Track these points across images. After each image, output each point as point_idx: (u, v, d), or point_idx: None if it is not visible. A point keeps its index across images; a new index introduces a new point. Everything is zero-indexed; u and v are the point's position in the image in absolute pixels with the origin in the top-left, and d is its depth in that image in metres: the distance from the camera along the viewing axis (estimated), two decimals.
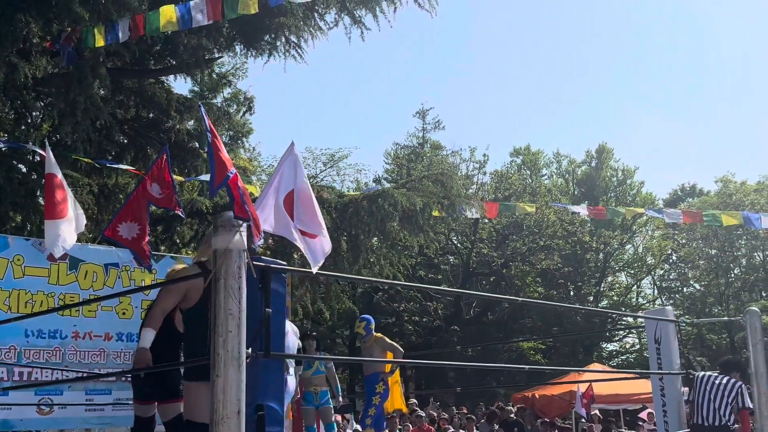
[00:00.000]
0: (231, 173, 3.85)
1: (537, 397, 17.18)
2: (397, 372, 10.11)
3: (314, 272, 4.01)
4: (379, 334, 9.39)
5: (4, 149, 9.92)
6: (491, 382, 27.68)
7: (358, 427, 9.23)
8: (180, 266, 6.57)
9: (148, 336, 5.00)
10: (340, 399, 10.14)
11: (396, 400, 11.03)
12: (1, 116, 11.74)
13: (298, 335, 7.46)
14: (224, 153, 3.90)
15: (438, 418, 14.84)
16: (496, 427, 14.28)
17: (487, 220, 29.19)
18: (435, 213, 12.52)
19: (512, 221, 29.98)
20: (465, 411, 15.61)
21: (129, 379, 8.28)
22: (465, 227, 29.53)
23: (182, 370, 5.86)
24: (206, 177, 10.57)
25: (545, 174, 39.17)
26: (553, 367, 25.18)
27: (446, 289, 20.74)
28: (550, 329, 30.35)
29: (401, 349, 9.38)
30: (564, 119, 59.02)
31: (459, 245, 31.59)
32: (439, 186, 12.73)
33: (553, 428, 14.69)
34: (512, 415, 14.66)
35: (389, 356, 9.23)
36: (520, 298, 9.62)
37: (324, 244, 3.95)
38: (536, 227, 30.26)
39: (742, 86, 57.73)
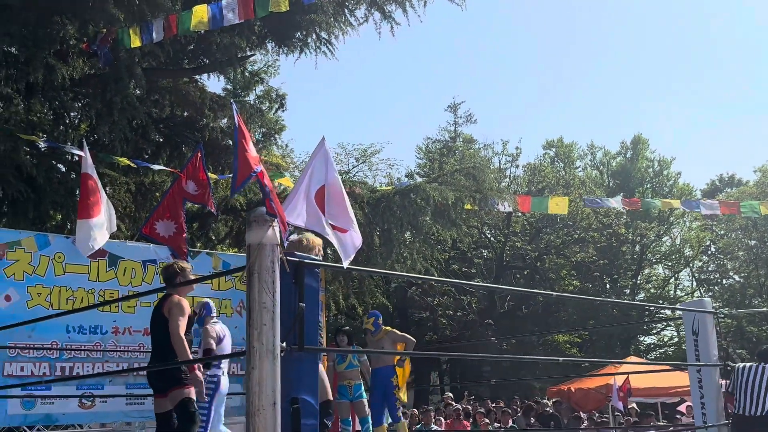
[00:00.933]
0: (256, 171, 3.88)
1: (573, 390, 17.06)
2: (408, 363, 10.13)
3: (345, 267, 4.04)
4: (388, 327, 9.40)
5: (43, 149, 10.14)
6: (526, 376, 27.56)
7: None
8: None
9: None
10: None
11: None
12: (40, 117, 11.99)
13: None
14: (251, 152, 3.92)
15: (474, 412, 14.83)
16: (533, 420, 14.24)
17: (520, 214, 29.01)
18: (467, 206, 12.51)
19: (546, 214, 29.77)
20: (502, 404, 15.59)
21: None
22: (498, 221, 29.40)
23: None
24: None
25: (579, 166, 38.82)
26: (587, 359, 24.96)
27: (480, 284, 20.69)
28: (586, 323, 30.10)
29: (413, 339, 9.36)
30: (598, 110, 58.47)
31: (492, 239, 31.46)
32: (471, 180, 12.72)
33: (590, 422, 14.60)
34: (548, 409, 14.60)
35: (401, 348, 9.22)
36: (555, 293, 9.55)
37: (354, 238, 3.98)
38: (570, 219, 29.99)
39: None
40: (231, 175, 11.69)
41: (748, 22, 58.46)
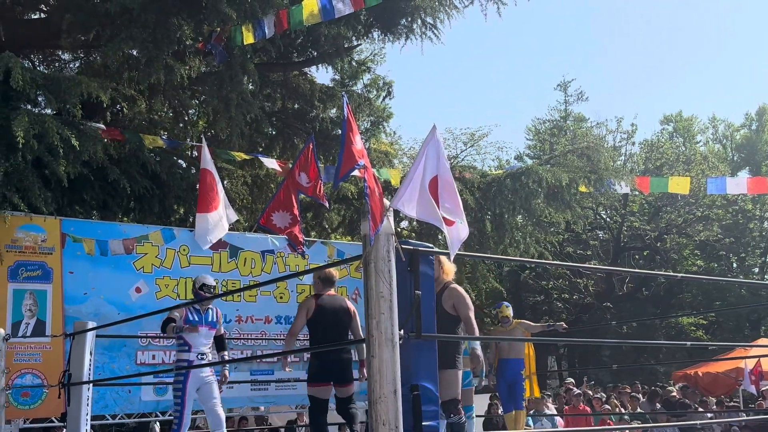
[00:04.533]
0: (359, 165, 3.91)
1: (700, 374, 16.39)
2: (533, 352, 10.20)
3: (451, 259, 4.08)
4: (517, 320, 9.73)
5: (165, 147, 10.60)
6: (649, 360, 26.62)
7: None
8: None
9: None
10: (483, 381, 10.15)
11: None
12: (161, 115, 12.56)
13: None
14: (356, 145, 3.95)
15: (591, 398, 14.43)
16: (658, 406, 13.76)
17: (637, 192, 27.94)
18: (582, 188, 12.17)
19: (665, 192, 28.50)
20: (628, 389, 15.14)
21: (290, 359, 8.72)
22: (614, 200, 28.47)
23: None
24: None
25: (700, 141, 37.02)
26: (717, 343, 23.88)
27: (595, 266, 20.13)
28: (712, 304, 28.72)
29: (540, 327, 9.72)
30: (719, 81, 55.54)
31: (608, 219, 30.50)
32: (585, 160, 12.39)
33: (720, 407, 13.98)
34: (674, 395, 14.05)
35: (527, 336, 9.35)
36: (680, 274, 9.18)
37: (461, 230, 3.96)
38: (692, 197, 28.64)
39: None
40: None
41: None
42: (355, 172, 3.97)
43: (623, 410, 13.05)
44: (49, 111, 8.54)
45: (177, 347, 6.95)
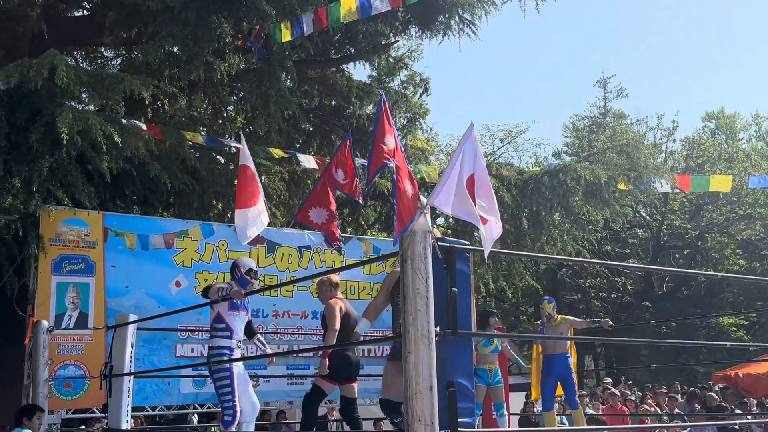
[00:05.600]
0: (387, 164, 3.91)
1: (741, 375, 16.10)
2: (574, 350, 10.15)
3: (486, 256, 4.10)
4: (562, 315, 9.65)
5: (205, 143, 10.73)
6: (688, 360, 26.22)
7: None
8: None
9: (361, 324, 6.07)
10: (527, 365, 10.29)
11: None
12: (200, 112, 12.72)
13: None
14: (387, 144, 3.96)
15: (624, 399, 14.20)
16: (697, 407, 13.55)
17: (678, 190, 27.50)
18: (621, 186, 12.03)
19: (706, 191, 28.00)
20: (665, 390, 14.90)
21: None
22: (654, 198, 28.06)
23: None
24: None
25: (743, 138, 36.31)
26: (758, 344, 23.45)
27: (634, 265, 19.88)
28: (753, 304, 28.17)
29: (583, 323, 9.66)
30: (762, 78, 54.34)
31: (648, 217, 30.10)
32: (624, 157, 12.24)
33: (761, 409, 13.72)
34: (716, 398, 13.80)
35: (571, 332, 9.27)
36: (721, 274, 9.05)
37: (494, 228, 3.96)
38: (734, 195, 28.12)
39: None
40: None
41: None
42: (392, 165, 3.97)
43: (659, 410, 12.88)
44: (92, 107, 8.71)
45: (217, 332, 6.53)
